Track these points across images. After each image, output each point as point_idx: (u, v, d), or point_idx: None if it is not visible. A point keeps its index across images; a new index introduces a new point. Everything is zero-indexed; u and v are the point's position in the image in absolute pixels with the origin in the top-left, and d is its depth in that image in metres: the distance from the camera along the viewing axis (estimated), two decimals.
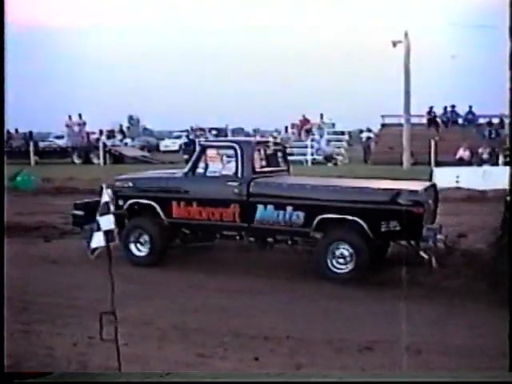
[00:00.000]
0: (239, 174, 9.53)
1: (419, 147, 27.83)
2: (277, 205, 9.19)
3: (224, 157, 10.07)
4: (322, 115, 36.74)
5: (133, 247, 9.91)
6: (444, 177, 18.46)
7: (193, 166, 9.92)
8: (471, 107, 32.55)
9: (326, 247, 8.94)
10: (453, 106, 33.20)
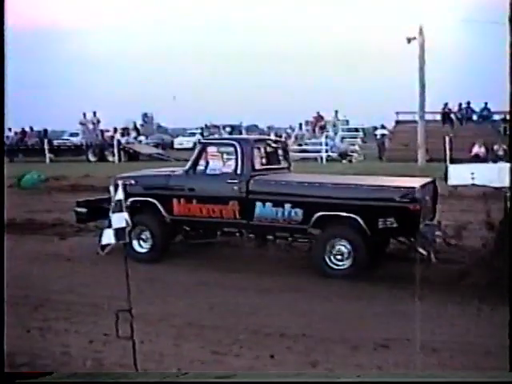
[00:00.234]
0: (239, 172, 9.60)
1: (434, 144, 27.68)
2: (275, 202, 9.26)
3: (224, 155, 10.12)
4: (337, 112, 36.73)
5: (135, 243, 9.97)
6: (459, 174, 18.38)
7: (193, 164, 9.98)
8: (486, 103, 32.37)
9: (324, 244, 9.00)
10: (468, 103, 33.06)
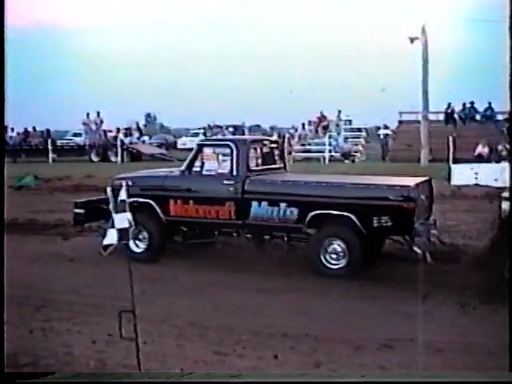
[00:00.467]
0: (234, 173, 9.64)
1: (437, 144, 27.64)
2: (270, 202, 9.30)
3: (220, 155, 10.11)
4: (340, 112, 36.66)
5: (131, 243, 9.95)
6: (462, 174, 18.37)
7: (189, 165, 10.01)
8: (490, 103, 32.31)
9: (319, 243, 9.03)
10: (471, 103, 32.99)
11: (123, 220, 5.38)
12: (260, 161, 10.37)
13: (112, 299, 7.27)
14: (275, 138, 19.48)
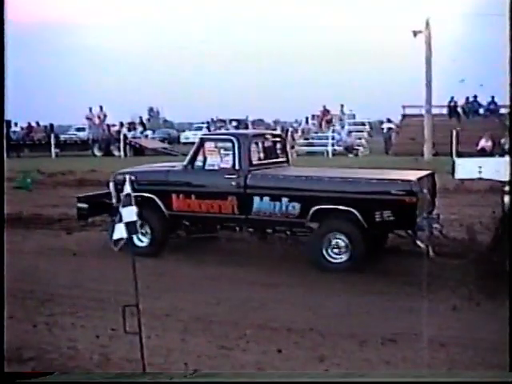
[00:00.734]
0: (236, 167, 9.61)
1: (441, 138, 27.60)
2: (273, 196, 9.29)
3: (222, 150, 10.13)
4: (343, 106, 36.65)
5: (134, 238, 9.94)
6: (466, 167, 18.31)
7: (191, 159, 9.98)
8: (493, 97, 32.25)
9: (321, 237, 9.01)
10: (475, 97, 32.94)
11: (131, 213, 5.36)
12: (262, 155, 10.34)
13: (116, 294, 7.29)
14: (278, 132, 19.62)
